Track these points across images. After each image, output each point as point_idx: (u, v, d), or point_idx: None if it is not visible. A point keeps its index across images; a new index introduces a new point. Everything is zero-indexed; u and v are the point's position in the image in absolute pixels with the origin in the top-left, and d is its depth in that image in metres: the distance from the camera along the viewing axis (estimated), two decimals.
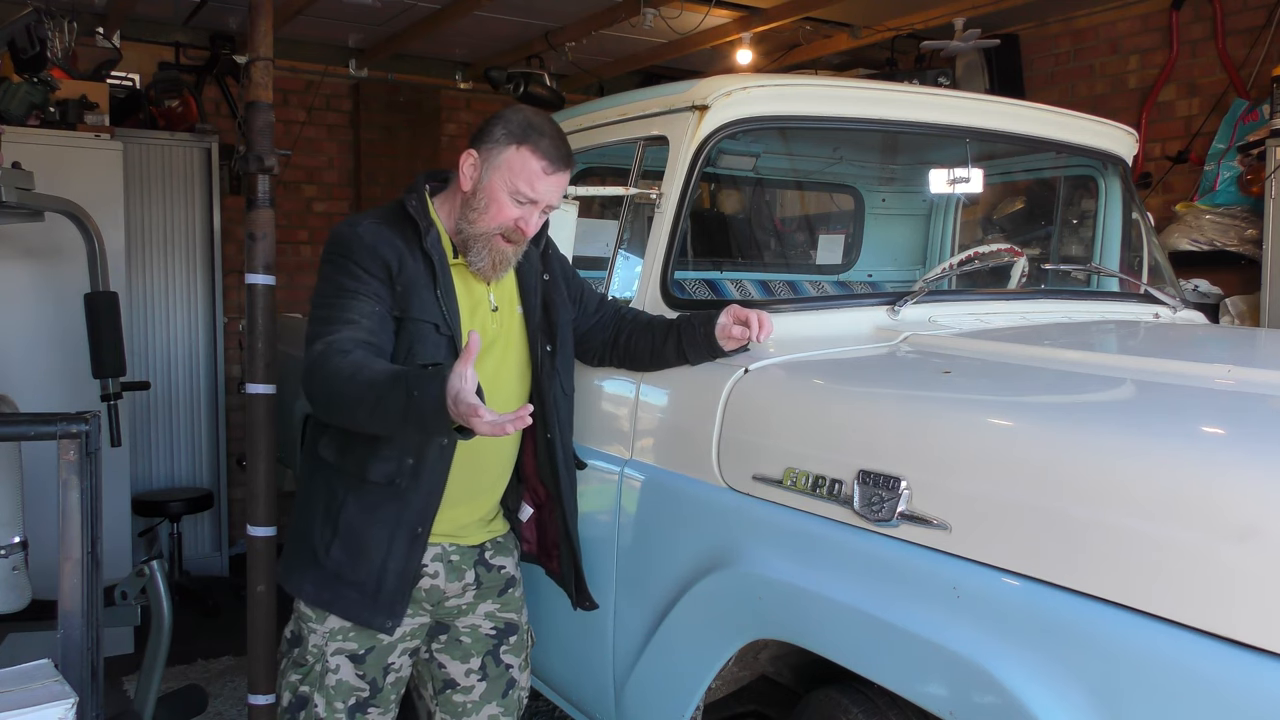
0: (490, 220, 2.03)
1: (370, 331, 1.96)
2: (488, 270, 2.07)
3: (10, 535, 2.63)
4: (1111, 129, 2.99)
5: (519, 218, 2.03)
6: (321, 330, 1.96)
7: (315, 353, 1.92)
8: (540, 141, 2.01)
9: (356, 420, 1.88)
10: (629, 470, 2.31)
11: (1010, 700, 1.43)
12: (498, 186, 2.02)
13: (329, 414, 1.96)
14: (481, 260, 2.06)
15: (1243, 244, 4.18)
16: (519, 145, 2.00)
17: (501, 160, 2.01)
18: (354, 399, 1.83)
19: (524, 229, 2.04)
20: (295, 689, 2.12)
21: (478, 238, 2.04)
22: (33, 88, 4.11)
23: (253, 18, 2.72)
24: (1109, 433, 1.55)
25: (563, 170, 2.04)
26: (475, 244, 2.05)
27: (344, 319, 1.95)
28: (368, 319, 1.97)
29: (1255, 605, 1.25)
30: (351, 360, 1.86)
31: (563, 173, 2.04)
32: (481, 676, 2.24)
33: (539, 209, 2.05)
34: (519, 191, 2.01)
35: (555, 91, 5.37)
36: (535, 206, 2.04)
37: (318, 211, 6.21)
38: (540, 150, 2.00)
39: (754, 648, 2.02)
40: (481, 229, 2.04)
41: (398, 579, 2.05)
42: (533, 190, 2.01)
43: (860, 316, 2.42)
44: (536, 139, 2.01)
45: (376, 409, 1.79)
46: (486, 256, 2.05)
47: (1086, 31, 5.06)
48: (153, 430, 5.35)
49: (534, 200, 2.02)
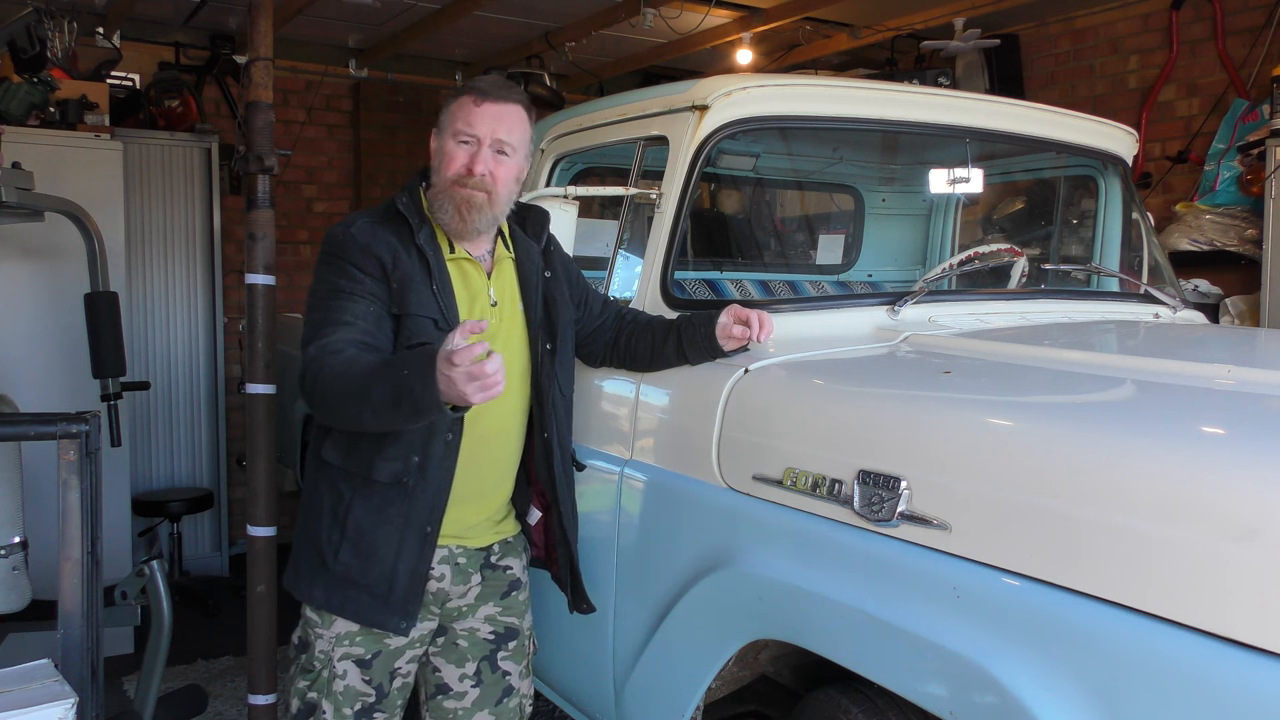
0: (446, 173, 2.05)
1: (365, 331, 1.96)
2: (455, 222, 2.05)
3: (10, 535, 2.63)
4: (1112, 129, 2.99)
5: (468, 161, 2.03)
6: (315, 333, 1.97)
7: (309, 356, 1.93)
8: (472, 84, 2.08)
9: (353, 416, 1.88)
10: (629, 470, 2.30)
11: (1010, 700, 1.43)
12: (447, 140, 2.06)
13: (327, 414, 1.96)
14: (446, 214, 2.05)
15: (1243, 244, 4.18)
16: (456, 97, 2.08)
17: (445, 118, 2.08)
18: (348, 393, 1.84)
19: (473, 168, 2.03)
20: (303, 695, 2.11)
21: (440, 194, 2.06)
22: (33, 88, 4.11)
23: (253, 18, 2.72)
24: (1109, 433, 1.55)
25: (494, 101, 2.04)
26: (438, 200, 2.06)
27: (338, 320, 1.96)
28: (362, 319, 1.97)
29: (1255, 605, 1.25)
30: (344, 358, 1.88)
31: (496, 104, 2.04)
32: (476, 682, 2.21)
33: (484, 145, 2.04)
34: (458, 133, 2.04)
35: (555, 91, 5.37)
36: (479, 144, 2.04)
37: (318, 211, 6.21)
38: (471, 89, 2.06)
39: (754, 648, 2.02)
40: (441, 185, 2.06)
41: (409, 579, 2.04)
42: (469, 125, 2.03)
43: (860, 316, 2.42)
44: (469, 84, 2.09)
45: (368, 397, 1.80)
46: (450, 208, 2.04)
47: (1086, 31, 5.06)
48: (153, 430, 5.34)
49: (475, 135, 2.03)
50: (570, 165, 3.08)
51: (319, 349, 1.92)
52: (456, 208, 2.04)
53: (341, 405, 1.88)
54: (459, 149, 2.04)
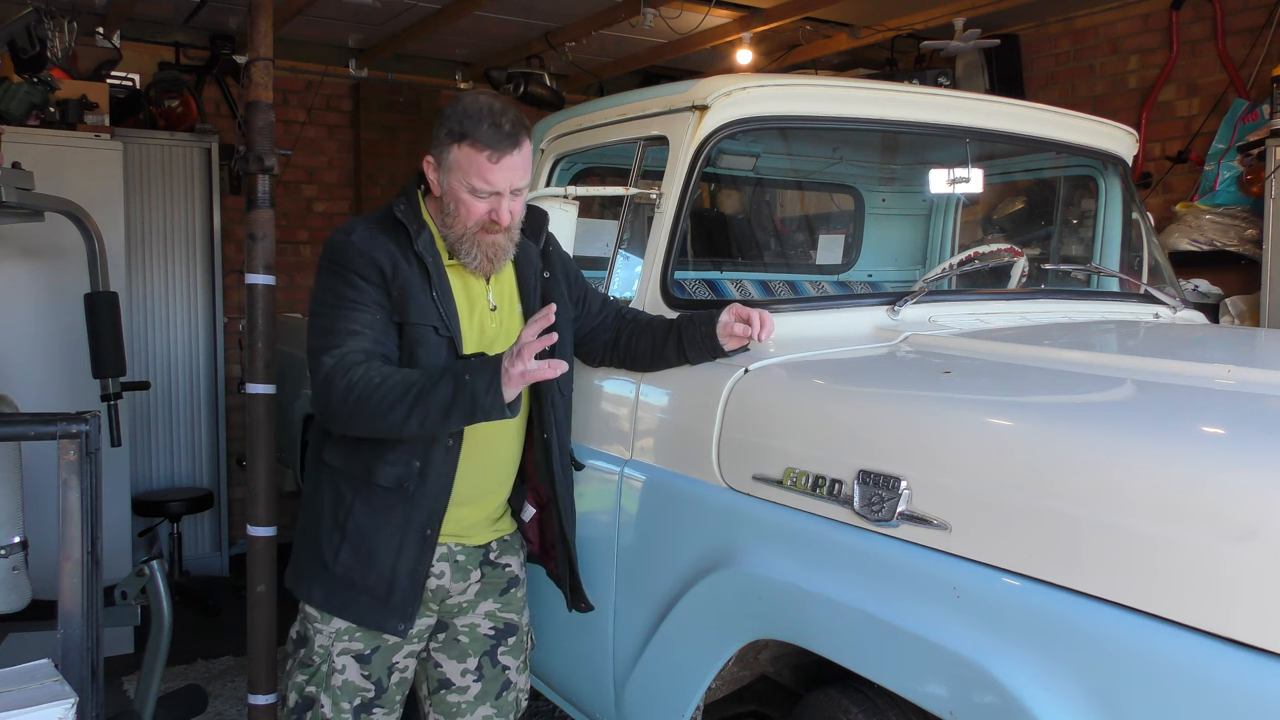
0: (464, 221, 2.03)
1: (375, 341, 1.97)
2: (484, 266, 2.07)
3: (10, 535, 2.63)
4: (1112, 129, 2.99)
5: (489, 210, 2.01)
6: (325, 342, 1.97)
7: (327, 367, 1.93)
8: (478, 131, 1.95)
9: (393, 423, 1.89)
10: (629, 470, 2.30)
11: (1010, 700, 1.43)
12: (457, 187, 2.00)
13: (351, 424, 1.95)
14: (474, 259, 2.05)
15: (1243, 244, 4.18)
16: (459, 143, 1.97)
17: (450, 162, 2.00)
18: (389, 402, 1.87)
19: (498, 219, 2.02)
20: (302, 690, 2.12)
21: (460, 239, 2.04)
22: (33, 88, 4.11)
23: (253, 18, 2.72)
24: (1109, 433, 1.55)
25: (508, 152, 1.97)
26: (461, 245, 2.05)
27: (347, 330, 1.96)
28: (370, 329, 1.98)
29: (1255, 605, 1.25)
30: (375, 369, 1.91)
31: (509, 154, 1.97)
32: (477, 677, 2.23)
33: (504, 196, 2.01)
34: (475, 188, 1.99)
35: (555, 91, 5.37)
36: (499, 196, 2.01)
37: (318, 211, 6.21)
38: (480, 141, 1.95)
39: (754, 648, 2.02)
40: (460, 231, 2.04)
41: (409, 581, 2.05)
42: (486, 182, 1.98)
43: (860, 316, 2.42)
44: (474, 130, 1.95)
45: (419, 404, 1.85)
46: (477, 253, 2.04)
47: (1086, 31, 5.06)
48: (153, 430, 5.34)
49: (493, 191, 2.00)
50: (570, 165, 3.08)
51: (338, 360, 1.92)
52: (484, 254, 2.05)
53: (378, 415, 1.89)
54: (476, 200, 2.00)
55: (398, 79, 6.21)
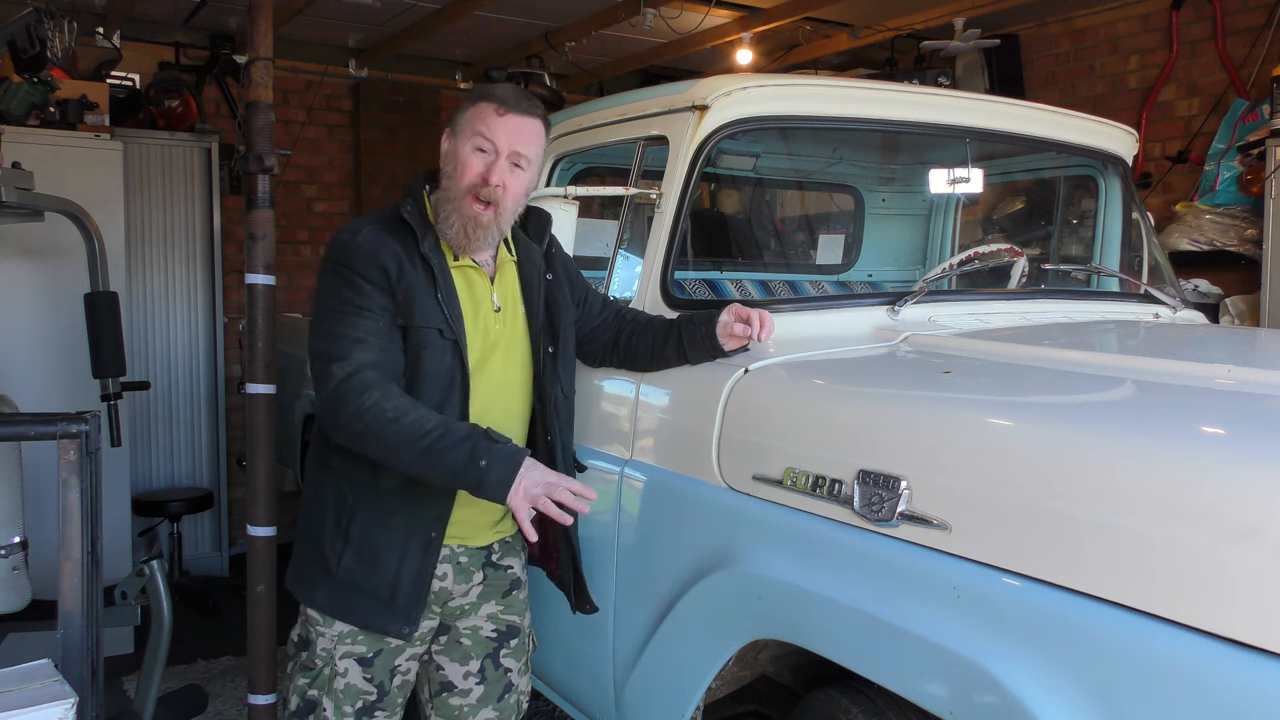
0: (460, 181, 2.03)
1: (380, 349, 1.96)
2: (460, 240, 2.04)
3: (10, 535, 2.63)
4: (1112, 129, 2.99)
5: (484, 170, 2.02)
6: (331, 349, 1.96)
7: (336, 379, 1.92)
8: (494, 92, 2.06)
9: (393, 459, 1.91)
10: (629, 470, 2.30)
11: (1010, 700, 1.43)
12: (462, 145, 2.04)
13: (355, 443, 1.95)
14: (452, 228, 2.03)
15: (1243, 244, 4.18)
16: (475, 102, 2.06)
17: (463, 121, 2.06)
18: (398, 442, 1.88)
19: (489, 179, 2.01)
20: (304, 693, 2.11)
21: (449, 202, 2.04)
22: (33, 88, 4.11)
23: (253, 18, 2.72)
24: (1109, 433, 1.55)
25: (517, 113, 2.03)
26: (445, 209, 2.04)
27: (352, 337, 1.95)
28: (374, 336, 1.97)
29: (1255, 605, 1.25)
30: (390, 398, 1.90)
31: (518, 116, 2.03)
32: (480, 680, 2.22)
33: (502, 157, 2.02)
34: (477, 139, 2.02)
35: (555, 91, 5.37)
36: (498, 155, 2.02)
37: (318, 211, 6.21)
38: (493, 97, 2.04)
39: (754, 648, 2.02)
40: (453, 193, 2.04)
41: (413, 584, 2.04)
42: (489, 131, 2.01)
43: (860, 316, 2.42)
44: (491, 92, 2.06)
45: (427, 456, 1.86)
46: (456, 223, 2.03)
47: (1086, 31, 5.06)
48: (153, 430, 5.34)
49: (494, 145, 2.01)
50: (570, 165, 3.08)
51: (349, 377, 1.91)
52: (463, 225, 2.03)
53: (388, 450, 1.90)
54: (475, 157, 2.02)
55: (398, 79, 6.22)
